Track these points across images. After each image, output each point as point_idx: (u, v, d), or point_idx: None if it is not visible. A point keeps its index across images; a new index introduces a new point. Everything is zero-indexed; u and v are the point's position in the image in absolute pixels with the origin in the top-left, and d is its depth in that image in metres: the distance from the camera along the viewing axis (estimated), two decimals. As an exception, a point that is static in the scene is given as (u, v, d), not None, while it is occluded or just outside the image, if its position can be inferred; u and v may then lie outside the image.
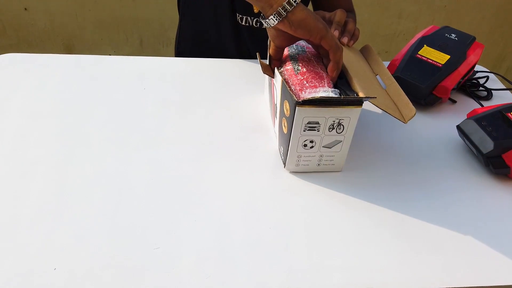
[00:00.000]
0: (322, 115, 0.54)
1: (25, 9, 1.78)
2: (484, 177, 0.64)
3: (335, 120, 0.55)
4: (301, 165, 0.61)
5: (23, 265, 0.47)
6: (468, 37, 0.82)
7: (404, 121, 0.57)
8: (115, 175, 0.59)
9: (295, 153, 0.59)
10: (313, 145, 0.58)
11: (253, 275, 0.48)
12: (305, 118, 0.55)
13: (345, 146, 0.59)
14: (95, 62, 0.84)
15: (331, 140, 0.58)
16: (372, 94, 0.56)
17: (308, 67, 0.60)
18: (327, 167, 0.62)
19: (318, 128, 0.56)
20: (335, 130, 0.56)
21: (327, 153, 0.60)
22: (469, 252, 0.53)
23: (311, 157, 0.60)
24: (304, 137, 0.57)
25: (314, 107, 0.53)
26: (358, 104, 0.54)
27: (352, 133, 0.57)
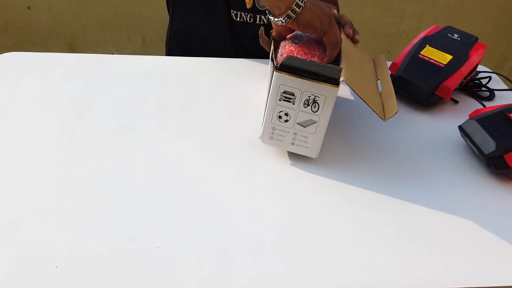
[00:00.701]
0: (298, 86, 0.55)
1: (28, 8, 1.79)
2: (486, 178, 0.64)
3: (311, 95, 0.55)
4: (275, 139, 0.61)
5: (25, 263, 0.47)
6: (471, 37, 0.82)
7: (383, 119, 0.57)
8: (117, 174, 0.59)
9: (270, 123, 0.59)
10: (287, 118, 0.58)
11: (254, 274, 0.48)
12: (281, 85, 0.55)
13: (320, 129, 0.58)
14: (98, 61, 0.84)
15: (306, 118, 0.58)
16: (359, 84, 0.56)
17: (305, 44, 0.60)
18: (301, 149, 0.61)
19: (293, 100, 0.56)
20: (310, 108, 0.56)
21: (301, 132, 0.59)
22: (470, 252, 0.53)
23: (285, 133, 0.60)
24: (280, 107, 0.57)
25: (291, 75, 0.54)
26: (334, 83, 0.54)
27: (327, 116, 0.57)
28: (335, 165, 0.64)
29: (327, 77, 0.54)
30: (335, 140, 0.69)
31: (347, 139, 0.69)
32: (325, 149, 0.66)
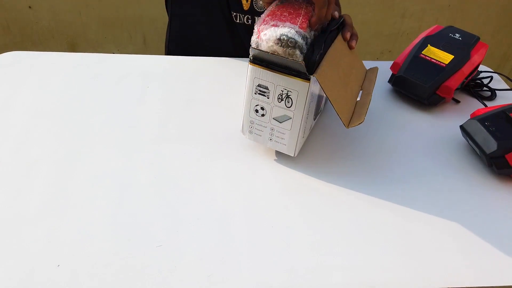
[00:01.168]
0: (271, 80, 0.55)
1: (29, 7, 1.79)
2: (487, 178, 0.64)
3: (283, 90, 0.55)
4: (254, 134, 0.61)
5: (27, 262, 0.47)
6: (472, 37, 0.82)
7: (346, 126, 0.56)
8: (118, 173, 0.59)
9: (248, 117, 0.60)
10: (264, 113, 0.58)
11: (255, 274, 0.48)
12: (255, 79, 0.55)
13: (294, 125, 0.58)
14: (99, 61, 0.84)
15: (281, 114, 0.57)
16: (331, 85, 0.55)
17: (291, 3, 0.57)
18: (279, 146, 0.61)
19: (268, 94, 0.56)
20: (284, 103, 0.56)
21: (278, 127, 0.59)
22: (472, 252, 0.53)
23: (263, 127, 0.60)
24: (256, 101, 0.58)
25: (263, 68, 0.54)
26: (305, 77, 0.53)
27: (301, 111, 0.56)
28: (336, 164, 0.64)
29: (298, 71, 0.53)
30: (336, 139, 0.69)
31: (347, 138, 0.69)
32: (326, 148, 0.66)
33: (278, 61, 0.53)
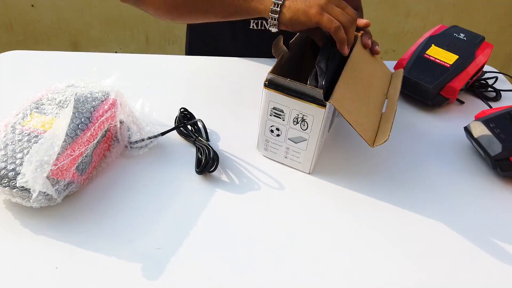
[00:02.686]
0: (286, 104, 0.55)
1: (32, 6, 1.79)
2: (492, 180, 0.63)
3: (299, 114, 0.55)
4: (270, 151, 0.62)
5: (25, 264, 0.47)
6: (477, 36, 0.81)
7: (371, 145, 0.55)
8: (119, 174, 0.58)
9: (263, 136, 0.60)
10: (279, 133, 0.58)
11: (255, 277, 0.47)
12: (270, 102, 0.55)
13: (310, 146, 0.57)
14: (101, 60, 0.84)
15: (296, 135, 0.57)
16: (350, 106, 0.54)
17: None
18: (294, 163, 0.61)
19: (283, 117, 0.56)
20: (299, 125, 0.56)
21: (293, 147, 0.59)
22: (476, 255, 0.52)
23: (278, 146, 0.60)
24: (271, 122, 0.58)
25: (278, 92, 0.54)
26: (320, 104, 0.53)
27: (317, 134, 0.56)
28: (337, 164, 0.63)
29: (313, 97, 0.52)
30: (339, 138, 0.68)
31: (350, 139, 0.68)
32: (328, 149, 0.66)
33: (294, 87, 0.53)
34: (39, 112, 0.55)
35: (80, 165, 0.52)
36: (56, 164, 0.49)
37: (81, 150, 0.52)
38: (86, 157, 0.53)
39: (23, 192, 0.49)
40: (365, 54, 0.65)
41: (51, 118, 0.54)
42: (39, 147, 0.49)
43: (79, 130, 0.53)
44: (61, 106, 0.56)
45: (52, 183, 0.49)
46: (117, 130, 0.60)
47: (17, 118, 0.54)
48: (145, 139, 0.62)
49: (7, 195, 0.49)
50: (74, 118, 0.54)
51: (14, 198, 0.50)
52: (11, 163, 0.49)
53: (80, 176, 0.53)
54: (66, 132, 0.51)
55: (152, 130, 0.63)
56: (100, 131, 0.55)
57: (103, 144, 0.58)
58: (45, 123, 0.53)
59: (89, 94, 0.58)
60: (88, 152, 0.53)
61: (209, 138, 0.65)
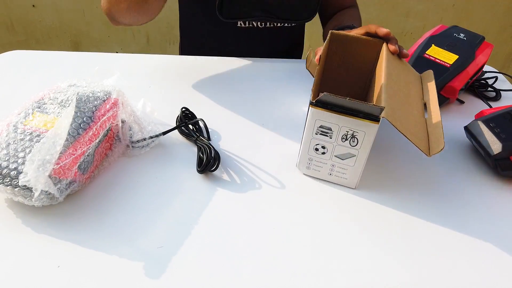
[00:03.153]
0: (335, 122, 0.52)
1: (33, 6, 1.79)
2: (492, 179, 0.64)
3: (349, 131, 0.53)
4: (312, 169, 0.59)
5: (27, 263, 0.47)
6: (477, 36, 0.81)
7: (428, 154, 0.53)
8: (120, 173, 0.59)
9: (306, 155, 0.58)
10: (324, 151, 0.56)
11: (256, 276, 0.48)
12: (317, 120, 0.53)
13: (359, 162, 0.56)
14: (102, 60, 0.84)
15: (344, 152, 0.55)
16: (402, 118, 0.53)
17: None
18: (339, 180, 0.59)
19: (330, 134, 0.54)
20: (348, 142, 0.54)
21: (339, 164, 0.57)
22: (477, 255, 0.52)
23: (322, 164, 0.58)
24: (316, 141, 0.55)
25: (327, 111, 0.52)
26: (374, 119, 0.51)
27: (367, 149, 0.54)
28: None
29: (367, 113, 0.51)
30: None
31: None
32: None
33: (350, 105, 0.51)
34: (41, 112, 0.55)
35: (82, 164, 0.53)
36: (58, 163, 0.49)
37: (83, 149, 0.52)
38: (88, 156, 0.54)
39: (25, 191, 0.49)
40: (394, 60, 0.63)
41: (53, 118, 0.54)
42: (41, 146, 0.49)
43: (81, 130, 0.53)
44: (63, 105, 0.56)
45: (54, 182, 0.49)
46: (119, 130, 0.60)
47: (19, 117, 0.54)
48: (146, 138, 0.62)
49: (9, 194, 0.50)
50: (76, 118, 0.54)
51: (16, 197, 0.50)
52: (13, 162, 0.49)
53: (82, 175, 0.53)
54: (68, 131, 0.52)
55: (153, 130, 0.63)
56: (102, 131, 0.55)
57: (105, 144, 0.58)
58: (47, 122, 0.53)
59: (91, 94, 0.58)
60: (90, 151, 0.54)
61: (210, 138, 0.65)
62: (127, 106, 0.60)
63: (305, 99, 0.77)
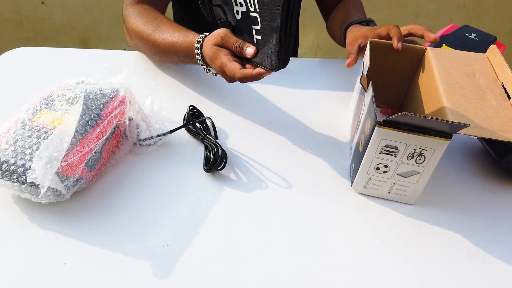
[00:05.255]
0: (402, 140, 0.50)
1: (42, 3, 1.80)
2: (503, 182, 0.63)
3: (416, 149, 0.51)
4: (370, 188, 0.57)
5: (34, 260, 0.47)
6: (489, 36, 0.80)
7: None
8: (127, 171, 0.59)
9: (365, 174, 0.55)
10: (386, 170, 0.54)
11: (261, 276, 0.47)
12: (383, 140, 0.51)
13: (423, 179, 0.54)
14: (110, 57, 0.84)
15: (408, 170, 0.53)
16: (476, 122, 0.50)
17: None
18: (398, 197, 0.57)
19: (395, 153, 0.52)
20: (414, 160, 0.52)
21: (401, 181, 0.55)
22: (485, 257, 0.51)
23: (382, 182, 0.55)
24: (379, 160, 0.53)
25: (395, 130, 0.49)
26: (447, 136, 0.48)
27: (434, 166, 0.52)
28: (338, 167, 0.63)
29: (439, 131, 0.48)
30: (337, 141, 0.68)
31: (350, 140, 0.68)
32: (321, 148, 0.65)
33: (423, 124, 0.48)
34: (49, 109, 0.55)
35: (89, 162, 0.53)
36: (66, 160, 0.49)
37: (90, 147, 0.52)
38: (95, 154, 0.54)
39: (32, 188, 0.49)
40: (443, 61, 0.61)
41: (60, 115, 0.54)
42: (49, 143, 0.49)
43: (89, 127, 0.53)
44: (71, 102, 0.56)
45: (61, 179, 0.49)
46: (126, 127, 0.60)
47: (27, 114, 0.54)
48: (154, 136, 0.62)
49: (16, 190, 0.50)
50: (84, 115, 0.54)
51: (23, 194, 0.50)
52: (20, 159, 0.49)
53: (89, 172, 0.53)
54: (75, 129, 0.51)
55: (161, 128, 0.63)
56: (109, 128, 0.55)
57: (112, 141, 0.58)
58: (54, 120, 0.53)
59: (99, 91, 0.58)
60: (97, 148, 0.54)
61: (217, 136, 0.65)
62: (134, 104, 0.60)
63: (311, 97, 0.76)
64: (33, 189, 0.49)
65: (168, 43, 0.72)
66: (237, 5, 0.59)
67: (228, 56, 0.60)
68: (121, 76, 0.63)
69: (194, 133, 0.65)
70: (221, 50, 0.61)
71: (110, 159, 0.59)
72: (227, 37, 0.62)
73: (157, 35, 0.74)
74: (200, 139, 0.64)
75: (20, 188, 0.49)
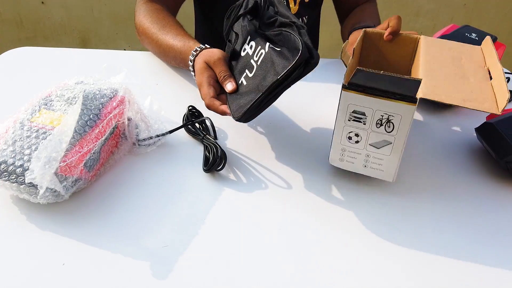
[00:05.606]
0: (369, 105, 0.51)
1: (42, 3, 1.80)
2: (504, 182, 0.62)
3: (383, 114, 0.51)
4: (346, 161, 0.56)
5: (32, 260, 0.47)
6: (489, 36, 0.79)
7: (497, 112, 0.49)
8: (126, 171, 0.58)
9: (339, 145, 0.55)
10: (358, 139, 0.54)
11: (261, 276, 0.47)
12: (350, 105, 0.51)
13: (396, 150, 0.53)
14: (110, 57, 0.84)
15: (379, 139, 0.53)
16: (446, 90, 0.50)
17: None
18: (375, 172, 0.56)
19: (364, 120, 0.52)
20: (383, 127, 0.52)
21: (374, 153, 0.54)
22: (486, 258, 0.51)
23: (356, 154, 0.55)
24: (349, 128, 0.53)
25: (360, 93, 0.50)
26: (410, 100, 0.48)
27: (404, 135, 0.52)
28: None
29: (402, 94, 0.49)
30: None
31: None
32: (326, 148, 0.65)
33: (387, 82, 0.49)
34: (47, 109, 0.55)
35: (88, 162, 0.52)
36: (65, 161, 0.49)
37: (89, 147, 0.52)
38: (94, 154, 0.53)
39: (31, 188, 0.49)
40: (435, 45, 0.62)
41: (59, 115, 0.54)
42: (48, 143, 0.49)
43: (88, 127, 0.53)
44: (70, 102, 0.56)
45: (60, 179, 0.49)
46: (125, 127, 0.60)
47: (26, 114, 0.54)
48: (153, 136, 0.62)
49: (15, 191, 0.49)
50: (83, 115, 0.54)
51: (21, 194, 0.50)
52: (19, 159, 0.49)
53: (88, 172, 0.53)
54: (74, 129, 0.51)
55: (160, 128, 0.63)
56: (108, 128, 0.55)
57: (111, 141, 0.58)
58: (53, 120, 0.53)
59: (98, 91, 0.58)
60: (96, 149, 0.53)
61: (217, 136, 0.65)
62: (134, 104, 0.60)
63: (314, 98, 0.76)
64: (31, 190, 0.49)
65: (169, 45, 0.73)
66: (247, 44, 0.62)
67: (209, 79, 0.63)
68: (121, 76, 0.63)
69: (194, 133, 0.65)
70: (207, 70, 0.63)
71: (109, 159, 0.59)
72: (218, 62, 0.63)
73: (161, 35, 0.75)
74: (199, 139, 0.64)
75: (19, 188, 0.49)
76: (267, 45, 0.58)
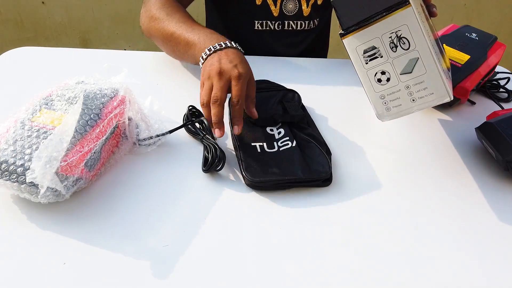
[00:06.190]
0: (372, 35, 0.49)
1: (42, 3, 1.80)
2: (504, 182, 0.62)
3: (391, 35, 0.49)
4: (393, 107, 0.53)
5: (33, 260, 0.47)
6: (489, 36, 0.80)
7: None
8: (127, 171, 0.58)
9: (376, 94, 0.52)
10: (388, 76, 0.51)
11: (261, 276, 0.47)
12: (357, 47, 0.50)
13: (428, 62, 0.49)
14: (110, 57, 0.84)
15: (405, 61, 0.50)
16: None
17: None
18: (427, 100, 0.52)
19: (379, 53, 0.50)
20: (400, 48, 0.49)
21: (412, 80, 0.51)
22: (486, 257, 0.51)
23: (396, 93, 0.52)
24: (372, 70, 0.51)
25: (358, 30, 0.49)
26: (403, 4, 0.47)
27: (424, 42, 0.48)
28: (343, 166, 0.63)
29: (393, 4, 0.47)
30: (346, 140, 0.68)
31: (358, 140, 0.68)
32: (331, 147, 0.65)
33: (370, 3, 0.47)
34: (48, 108, 0.55)
35: (88, 162, 0.53)
36: (65, 160, 0.49)
37: (90, 147, 0.52)
38: (94, 154, 0.53)
39: (32, 188, 0.49)
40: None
41: (60, 114, 0.54)
42: (48, 143, 0.49)
43: (88, 127, 0.53)
44: (71, 102, 0.56)
45: (60, 179, 0.49)
46: (126, 127, 0.60)
47: (27, 114, 0.54)
48: (153, 136, 0.62)
49: (16, 190, 0.50)
50: (83, 115, 0.54)
51: (22, 194, 0.50)
52: (20, 159, 0.49)
53: (88, 172, 0.53)
54: (75, 129, 0.51)
55: (160, 128, 0.63)
56: (109, 128, 0.55)
57: (112, 141, 0.58)
58: (54, 119, 0.53)
59: (98, 91, 0.58)
60: (96, 148, 0.53)
61: (217, 136, 0.65)
62: (134, 104, 0.60)
63: (322, 98, 0.76)
64: (32, 189, 0.49)
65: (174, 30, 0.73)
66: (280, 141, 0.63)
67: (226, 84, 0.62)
68: (121, 76, 0.63)
69: (194, 133, 0.65)
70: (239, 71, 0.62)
71: (109, 159, 0.59)
72: (248, 82, 0.64)
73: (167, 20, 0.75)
74: (199, 139, 0.64)
75: (20, 188, 0.49)
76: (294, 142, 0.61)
